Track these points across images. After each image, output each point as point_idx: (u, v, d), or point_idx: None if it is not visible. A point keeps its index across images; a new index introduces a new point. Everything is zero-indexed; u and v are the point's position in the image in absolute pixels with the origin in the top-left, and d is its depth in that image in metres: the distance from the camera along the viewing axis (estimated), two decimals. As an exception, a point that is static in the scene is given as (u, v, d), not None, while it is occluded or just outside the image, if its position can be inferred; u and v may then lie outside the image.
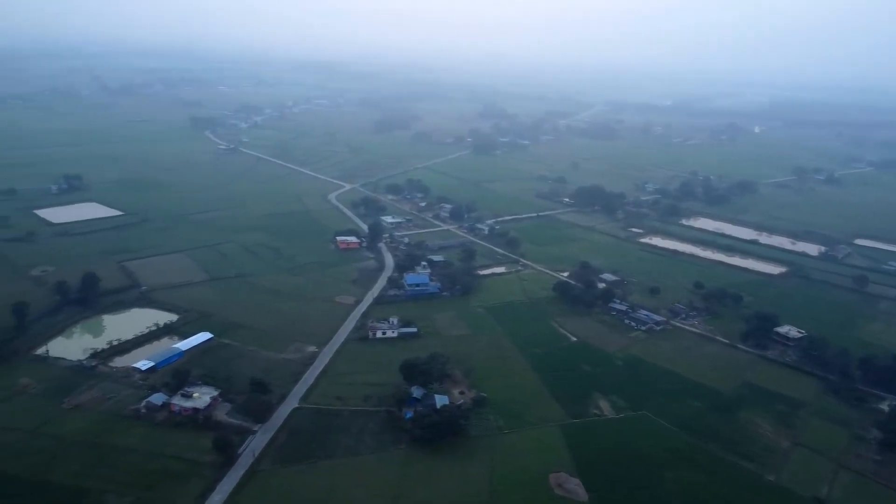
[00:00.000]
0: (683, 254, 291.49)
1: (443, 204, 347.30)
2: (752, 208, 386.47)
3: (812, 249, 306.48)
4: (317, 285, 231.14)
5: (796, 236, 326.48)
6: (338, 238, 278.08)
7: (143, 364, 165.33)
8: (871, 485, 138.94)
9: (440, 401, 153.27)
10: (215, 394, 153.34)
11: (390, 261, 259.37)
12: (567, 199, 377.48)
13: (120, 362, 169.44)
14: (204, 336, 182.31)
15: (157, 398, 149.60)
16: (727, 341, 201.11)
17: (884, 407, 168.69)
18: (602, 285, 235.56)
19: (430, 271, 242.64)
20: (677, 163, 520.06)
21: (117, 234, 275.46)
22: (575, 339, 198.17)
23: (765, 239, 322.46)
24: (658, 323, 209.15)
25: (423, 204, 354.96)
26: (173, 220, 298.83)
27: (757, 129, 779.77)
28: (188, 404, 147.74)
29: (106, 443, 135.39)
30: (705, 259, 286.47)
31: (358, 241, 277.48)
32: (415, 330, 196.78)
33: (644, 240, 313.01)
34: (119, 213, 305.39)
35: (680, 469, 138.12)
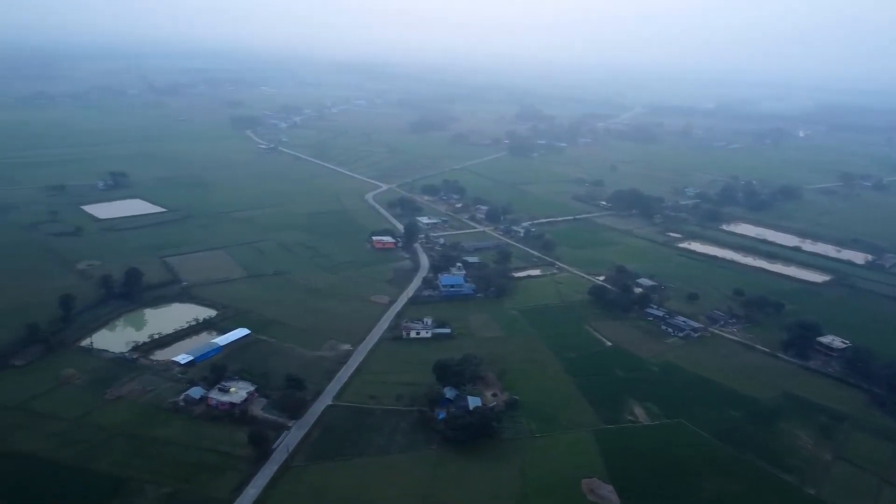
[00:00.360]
0: (723, 260, 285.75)
1: (479, 205, 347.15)
2: (795, 214, 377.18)
3: (858, 258, 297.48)
4: (352, 284, 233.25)
5: (842, 244, 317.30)
6: (374, 238, 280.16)
7: (183, 358, 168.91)
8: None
9: (472, 402, 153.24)
10: (251, 389, 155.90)
11: (425, 261, 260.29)
12: (604, 203, 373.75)
13: (160, 356, 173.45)
14: (241, 332, 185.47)
15: (196, 392, 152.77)
16: (767, 350, 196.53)
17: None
18: (638, 290, 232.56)
19: (464, 272, 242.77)
20: (718, 167, 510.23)
21: (160, 230, 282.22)
22: (610, 343, 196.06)
23: (808, 246, 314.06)
24: (695, 330, 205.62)
25: (459, 205, 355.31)
26: (214, 217, 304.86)
27: (802, 134, 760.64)
28: (225, 399, 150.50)
29: (146, 434, 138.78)
30: (746, 265, 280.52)
31: (394, 241, 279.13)
32: (448, 331, 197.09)
33: (682, 245, 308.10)
34: (162, 209, 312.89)
35: (717, 479, 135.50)
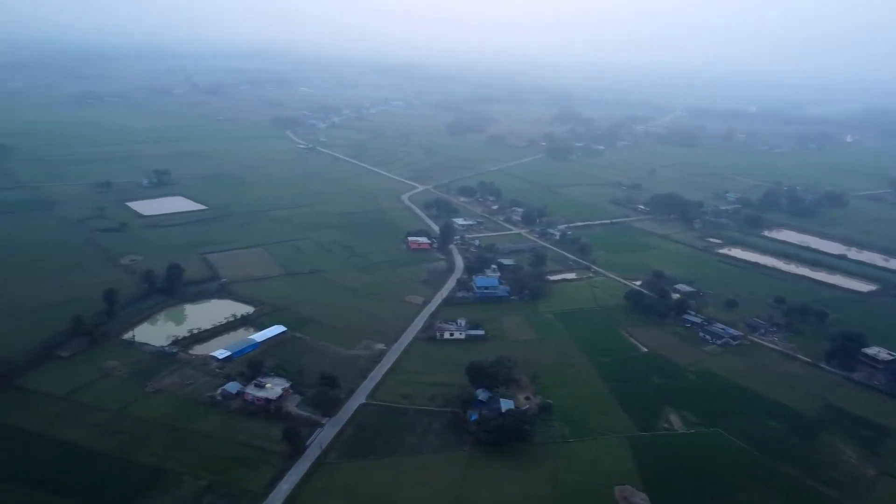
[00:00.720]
0: (765, 267, 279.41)
1: (514, 207, 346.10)
2: (841, 221, 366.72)
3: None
4: (387, 284, 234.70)
5: (889, 252, 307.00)
6: (409, 238, 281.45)
7: (221, 353, 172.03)
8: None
9: (505, 405, 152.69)
10: (287, 385, 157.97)
11: (460, 262, 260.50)
12: (642, 207, 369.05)
13: (199, 350, 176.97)
14: (278, 329, 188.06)
15: (232, 387, 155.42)
16: (809, 360, 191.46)
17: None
18: (676, 296, 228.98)
19: (499, 274, 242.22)
20: (761, 172, 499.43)
21: (201, 227, 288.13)
22: (646, 349, 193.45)
23: (854, 254, 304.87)
24: (735, 337, 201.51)
25: (495, 207, 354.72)
26: (253, 215, 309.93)
27: (849, 139, 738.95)
28: (261, 394, 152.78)
29: (184, 427, 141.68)
30: (788, 273, 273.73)
31: (429, 241, 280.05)
32: (482, 332, 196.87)
33: (722, 251, 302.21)
34: (203, 207, 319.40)
35: (754, 491, 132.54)
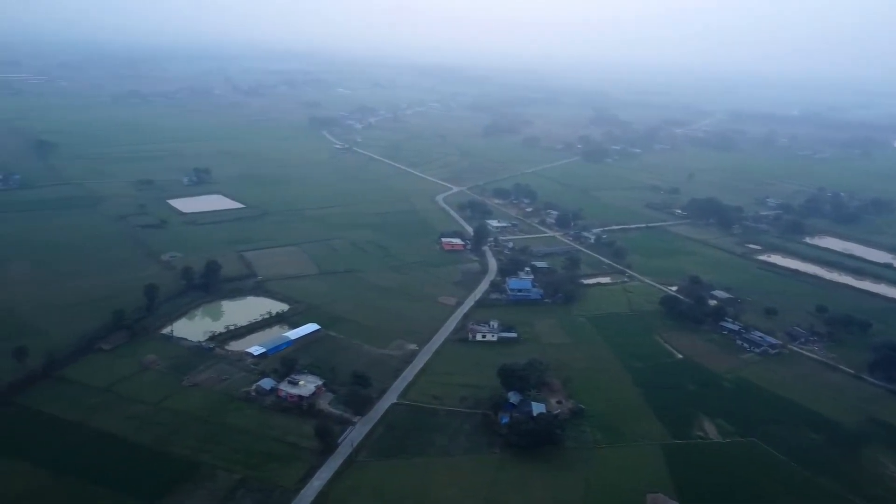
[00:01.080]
0: (805, 274, 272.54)
1: (549, 210, 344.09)
2: (887, 229, 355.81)
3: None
4: (421, 284, 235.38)
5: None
6: (443, 239, 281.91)
7: (256, 350, 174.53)
8: None
9: (536, 408, 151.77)
10: (319, 383, 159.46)
11: (494, 264, 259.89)
12: (679, 211, 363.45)
13: (235, 346, 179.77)
14: (312, 327, 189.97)
15: (267, 383, 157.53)
16: (851, 371, 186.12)
17: None
18: (713, 302, 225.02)
19: (532, 277, 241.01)
20: (803, 177, 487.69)
21: (239, 225, 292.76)
22: (681, 356, 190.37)
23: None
24: (773, 346, 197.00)
25: (530, 209, 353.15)
26: (290, 214, 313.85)
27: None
28: (294, 391, 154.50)
29: (218, 421, 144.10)
30: (830, 281, 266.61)
31: (462, 243, 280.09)
32: (514, 335, 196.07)
33: (762, 257, 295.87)
34: (241, 205, 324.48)
35: (791, 503, 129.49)
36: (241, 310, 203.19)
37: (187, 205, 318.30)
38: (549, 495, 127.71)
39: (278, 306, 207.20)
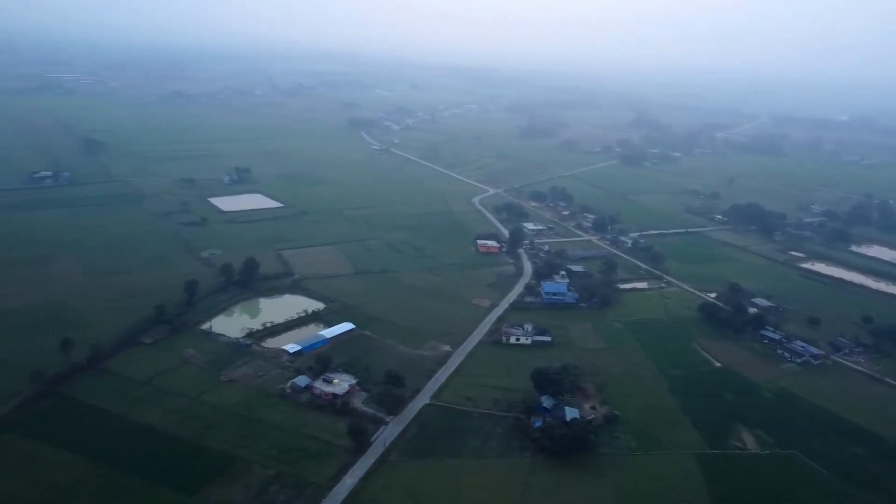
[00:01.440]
0: (851, 283, 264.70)
1: (586, 214, 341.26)
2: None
3: None
4: (455, 286, 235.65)
5: None
6: (478, 241, 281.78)
7: (292, 347, 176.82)
8: None
9: (570, 413, 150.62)
10: (353, 382, 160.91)
11: (529, 267, 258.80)
12: (719, 217, 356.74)
13: (271, 343, 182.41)
14: (347, 326, 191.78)
15: (302, 380, 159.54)
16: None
17: None
18: (753, 310, 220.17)
19: (568, 281, 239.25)
20: (850, 183, 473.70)
21: (277, 224, 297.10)
22: (719, 364, 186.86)
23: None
24: (816, 356, 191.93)
25: (566, 212, 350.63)
26: (327, 214, 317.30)
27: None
28: (328, 389, 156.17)
29: (254, 416, 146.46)
30: (877, 291, 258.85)
31: (498, 245, 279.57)
32: (549, 339, 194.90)
33: (805, 265, 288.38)
34: (280, 205, 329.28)
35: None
36: (277, 307, 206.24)
37: (227, 203, 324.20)
38: (581, 501, 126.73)
39: (314, 305, 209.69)
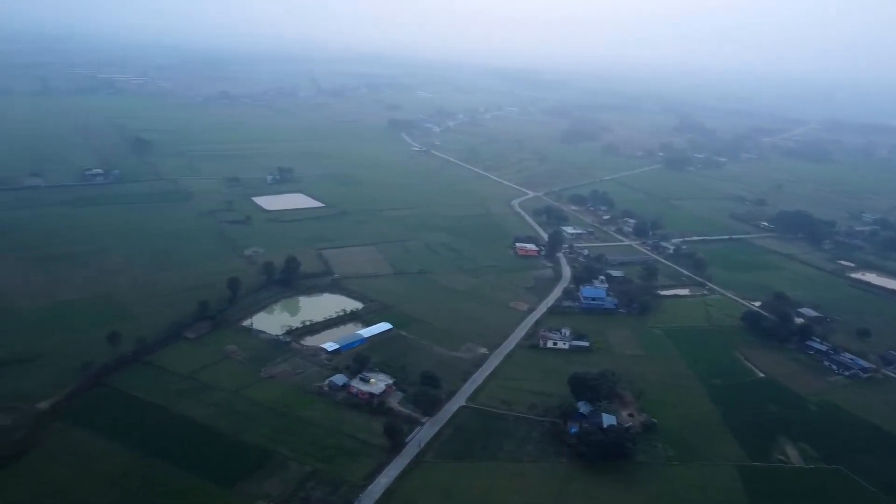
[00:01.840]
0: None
1: (627, 218, 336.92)
2: None
3: None
4: (493, 289, 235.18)
5: None
6: (517, 244, 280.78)
7: (330, 346, 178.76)
8: None
9: (607, 420, 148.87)
10: (390, 382, 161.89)
11: (567, 272, 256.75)
12: (765, 224, 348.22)
13: (310, 341, 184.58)
14: (384, 326, 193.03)
15: (339, 379, 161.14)
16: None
17: None
18: (799, 320, 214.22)
19: (607, 286, 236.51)
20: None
21: (318, 223, 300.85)
22: (762, 375, 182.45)
23: None
24: (865, 370, 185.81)
25: (607, 217, 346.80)
26: (367, 214, 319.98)
27: None
28: (365, 388, 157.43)
29: (292, 413, 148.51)
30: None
31: (537, 248, 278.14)
32: (587, 344, 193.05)
33: (855, 275, 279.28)
34: (321, 204, 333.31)
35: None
36: (317, 306, 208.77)
37: (270, 202, 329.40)
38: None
39: (353, 304, 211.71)
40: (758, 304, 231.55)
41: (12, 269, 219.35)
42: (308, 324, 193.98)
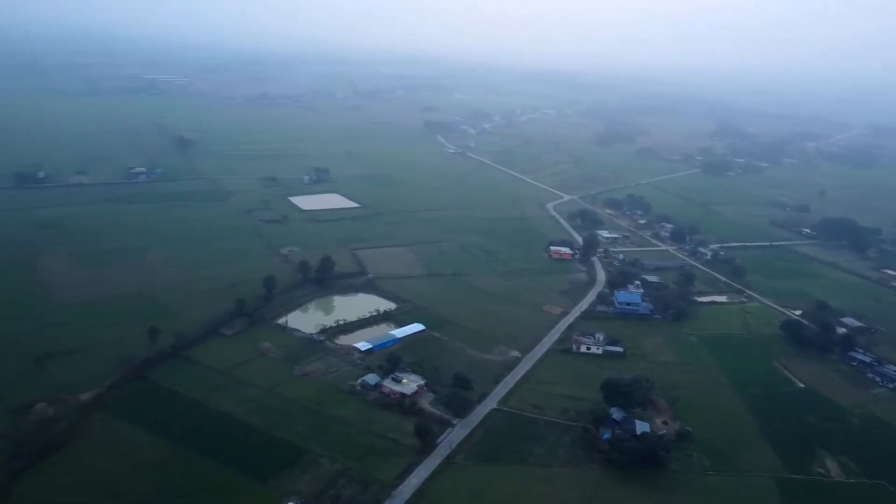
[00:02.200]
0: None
1: (663, 223, 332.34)
2: None
3: None
4: (526, 292, 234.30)
5: None
6: (551, 247, 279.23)
7: (363, 345, 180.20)
8: None
9: (640, 427, 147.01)
10: (422, 382, 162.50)
11: (602, 276, 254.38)
12: (807, 230, 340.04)
13: (343, 341, 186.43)
14: (417, 327, 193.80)
15: (371, 378, 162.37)
16: None
17: None
18: (842, 330, 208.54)
19: (642, 291, 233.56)
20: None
21: (353, 224, 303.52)
22: (802, 385, 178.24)
23: None
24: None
25: (643, 221, 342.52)
26: (401, 215, 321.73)
27: None
28: (397, 388, 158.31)
29: (324, 411, 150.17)
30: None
31: (571, 252, 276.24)
32: (620, 349, 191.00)
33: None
34: (357, 205, 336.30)
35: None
36: (351, 305, 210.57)
37: (307, 202, 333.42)
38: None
39: (386, 304, 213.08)
40: (798, 312, 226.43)
41: (60, 263, 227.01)
42: (342, 323, 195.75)
